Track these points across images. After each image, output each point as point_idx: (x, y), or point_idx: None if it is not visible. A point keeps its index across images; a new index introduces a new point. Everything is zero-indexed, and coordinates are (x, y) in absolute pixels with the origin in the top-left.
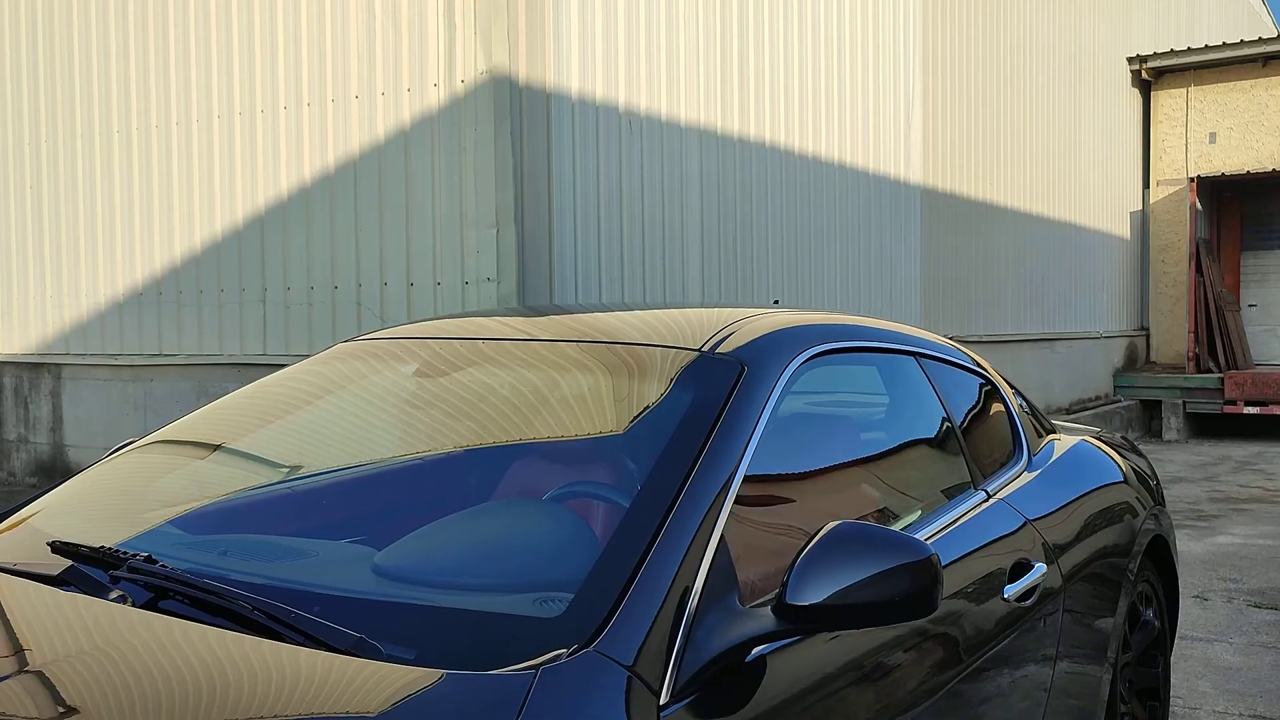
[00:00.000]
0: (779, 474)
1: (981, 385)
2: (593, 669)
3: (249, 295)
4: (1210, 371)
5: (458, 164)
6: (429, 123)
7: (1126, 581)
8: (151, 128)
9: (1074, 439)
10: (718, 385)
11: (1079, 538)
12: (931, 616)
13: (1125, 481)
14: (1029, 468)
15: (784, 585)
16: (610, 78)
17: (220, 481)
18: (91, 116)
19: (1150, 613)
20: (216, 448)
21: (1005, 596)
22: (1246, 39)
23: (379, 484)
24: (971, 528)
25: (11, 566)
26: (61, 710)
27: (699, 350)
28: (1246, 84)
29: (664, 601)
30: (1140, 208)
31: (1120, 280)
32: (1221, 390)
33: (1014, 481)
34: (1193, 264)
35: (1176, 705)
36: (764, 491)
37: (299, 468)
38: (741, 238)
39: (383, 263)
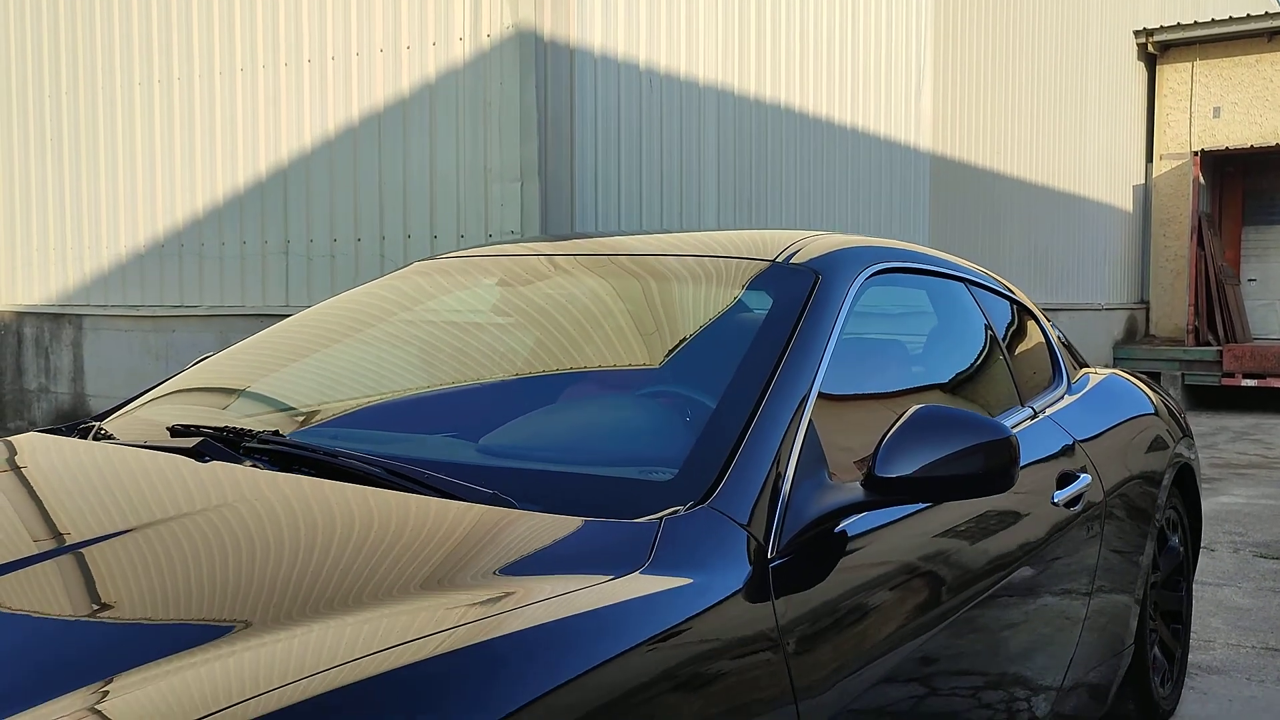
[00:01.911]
0: (848, 381)
1: (1023, 314)
2: (708, 521)
3: (271, 247)
4: (1209, 345)
5: (482, 118)
6: (454, 76)
7: (1157, 506)
8: (174, 80)
9: (1106, 373)
10: (796, 290)
11: (1117, 459)
12: (990, 513)
13: (1156, 413)
14: (1069, 392)
15: (872, 460)
16: (632, 35)
17: (315, 384)
18: (113, 69)
19: (1176, 539)
20: (304, 356)
21: (1055, 501)
22: (1253, 13)
23: (473, 384)
24: (1022, 438)
25: (143, 443)
26: (235, 548)
27: (773, 260)
28: (1252, 58)
29: (764, 469)
30: (1143, 181)
31: (1122, 253)
32: (1220, 363)
33: (1056, 403)
34: (1194, 238)
35: (1191, 639)
36: (837, 395)
37: (394, 371)
38: (756, 196)
39: (406, 215)
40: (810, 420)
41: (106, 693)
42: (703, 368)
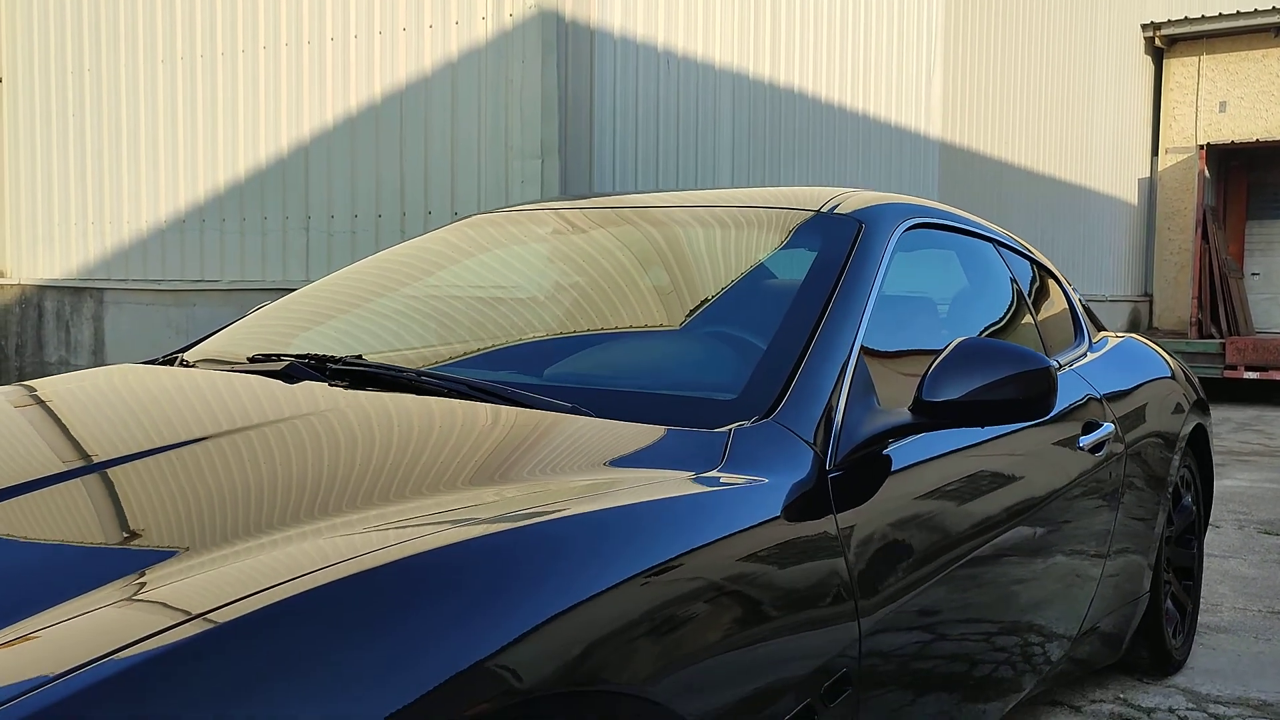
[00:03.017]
0: (886, 332)
1: (1045, 275)
2: (773, 432)
3: (292, 223)
4: (1212, 337)
5: (503, 96)
6: (476, 55)
7: (1172, 464)
8: (196, 58)
9: (1124, 336)
10: (841, 236)
11: (1136, 415)
12: (1021, 452)
13: (1173, 376)
14: (1090, 350)
15: (920, 387)
16: (651, 18)
17: (380, 326)
18: (136, 46)
19: (1189, 498)
20: (362, 303)
21: (1080, 446)
22: (1260, 8)
23: (538, 323)
24: None
25: (231, 368)
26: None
27: (818, 210)
28: (1258, 53)
29: (819, 390)
30: (1148, 175)
31: (1126, 245)
32: (1223, 355)
33: (1079, 360)
34: (1199, 231)
35: (1200, 602)
36: (877, 349)
37: (458, 314)
38: (770, 178)
39: (427, 192)
40: (860, 352)
41: (190, 563)
42: (757, 304)
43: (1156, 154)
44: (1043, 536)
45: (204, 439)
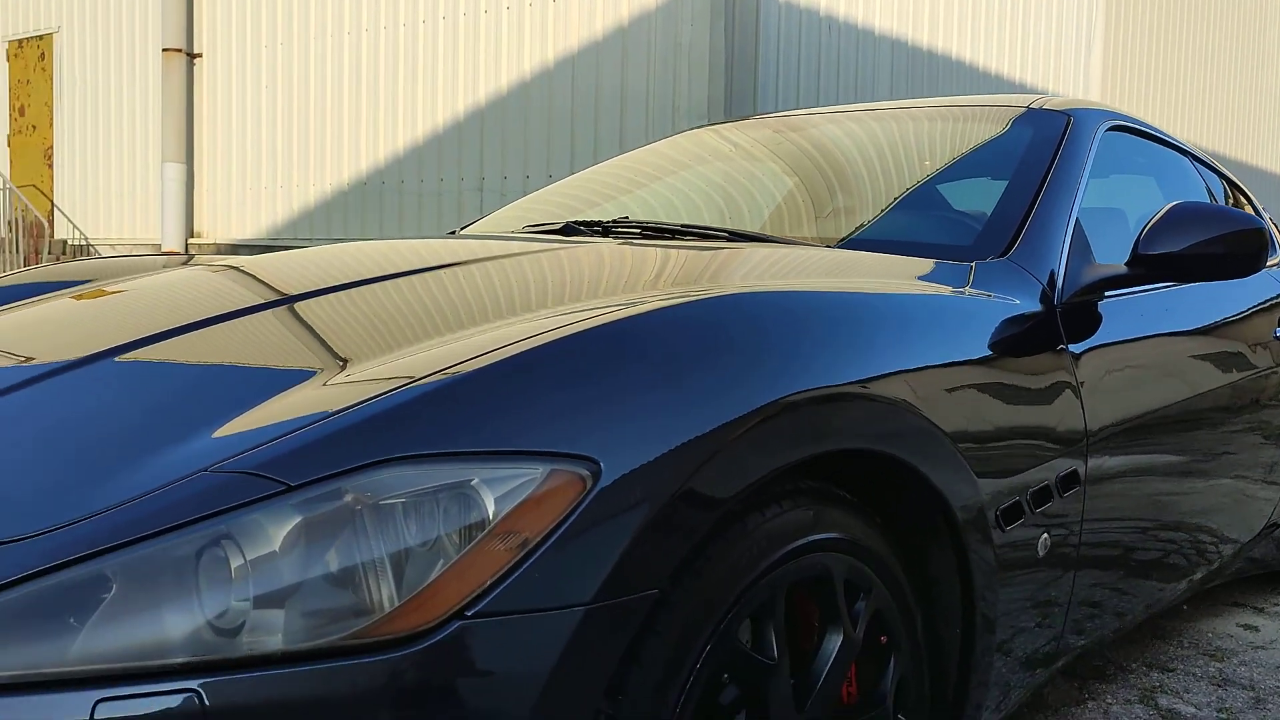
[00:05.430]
0: (1092, 236)
1: (1237, 191)
2: (1008, 268)
3: (467, 184)
4: None
5: (672, 59)
6: (646, 19)
7: None
8: (380, 29)
9: None
10: (1054, 125)
11: None
12: (1223, 331)
13: None
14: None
15: (1136, 243)
16: None
17: (639, 209)
18: (324, 18)
19: None
20: (620, 193)
21: (1277, 336)
22: None
23: (787, 196)
24: (1246, 283)
25: (509, 234)
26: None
27: (1028, 107)
28: None
29: (1046, 237)
30: None
31: None
32: None
33: (1272, 265)
34: None
35: None
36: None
37: (713, 198)
38: None
39: (597, 153)
40: (1077, 219)
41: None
42: (987, 174)
43: None
44: (1239, 417)
45: (458, 264)
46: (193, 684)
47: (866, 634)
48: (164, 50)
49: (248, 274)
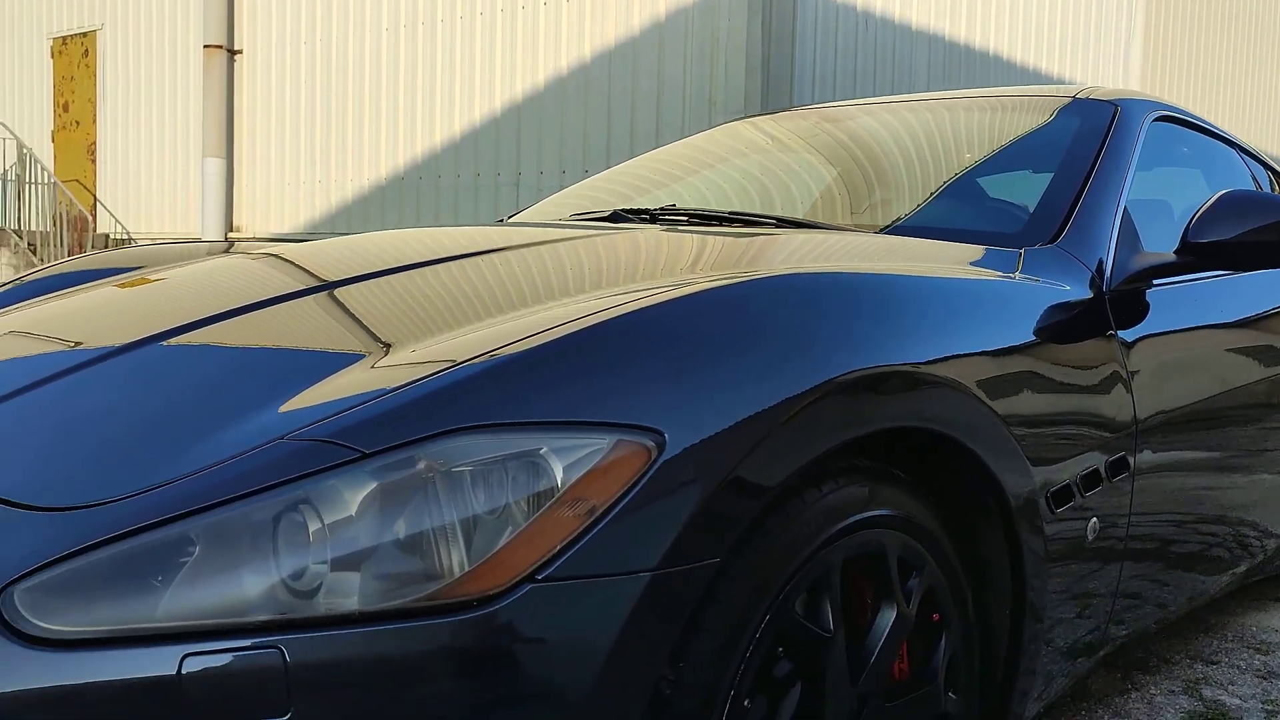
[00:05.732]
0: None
1: None
2: (1057, 254)
3: (504, 178)
4: None
5: (709, 53)
6: (683, 14)
7: None
8: (418, 25)
9: None
10: (1101, 115)
11: None
12: (1272, 322)
13: None
14: None
15: (1185, 231)
16: None
17: (684, 199)
18: (363, 15)
19: None
20: (657, 187)
21: None
22: None
23: (836, 183)
24: None
25: (554, 223)
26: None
27: (1074, 97)
28: None
29: (1095, 225)
30: None
31: None
32: None
33: None
34: None
35: None
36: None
37: (759, 186)
38: None
39: (632, 148)
40: (1125, 208)
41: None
42: (1036, 163)
43: None
44: None
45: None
46: (275, 640)
47: (919, 611)
48: (205, 47)
49: (297, 263)
